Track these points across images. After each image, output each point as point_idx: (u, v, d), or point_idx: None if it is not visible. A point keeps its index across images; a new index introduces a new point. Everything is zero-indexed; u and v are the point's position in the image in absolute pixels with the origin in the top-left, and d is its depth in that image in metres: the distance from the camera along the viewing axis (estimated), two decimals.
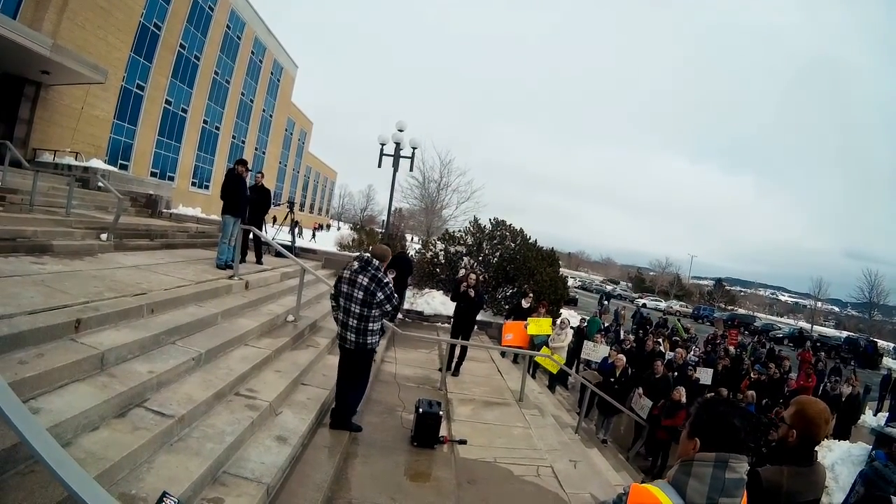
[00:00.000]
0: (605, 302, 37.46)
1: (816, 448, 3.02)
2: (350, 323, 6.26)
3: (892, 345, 54.82)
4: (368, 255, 6.44)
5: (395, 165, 20.12)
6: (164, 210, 17.66)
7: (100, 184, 15.02)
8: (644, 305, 54.51)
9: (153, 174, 34.14)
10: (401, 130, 20.12)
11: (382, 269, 6.28)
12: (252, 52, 45.86)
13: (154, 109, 33.95)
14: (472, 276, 11.16)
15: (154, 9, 31.94)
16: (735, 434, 2.09)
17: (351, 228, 34.19)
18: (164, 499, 3.21)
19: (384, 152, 20.37)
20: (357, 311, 6.21)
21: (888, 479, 5.29)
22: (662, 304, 66.99)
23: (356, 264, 6.35)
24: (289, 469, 5.15)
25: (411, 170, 22.70)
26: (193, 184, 40.36)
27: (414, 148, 20.44)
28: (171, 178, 36.46)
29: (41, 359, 4.19)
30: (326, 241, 23.99)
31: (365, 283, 6.16)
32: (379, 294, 6.12)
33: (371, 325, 6.26)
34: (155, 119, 34.38)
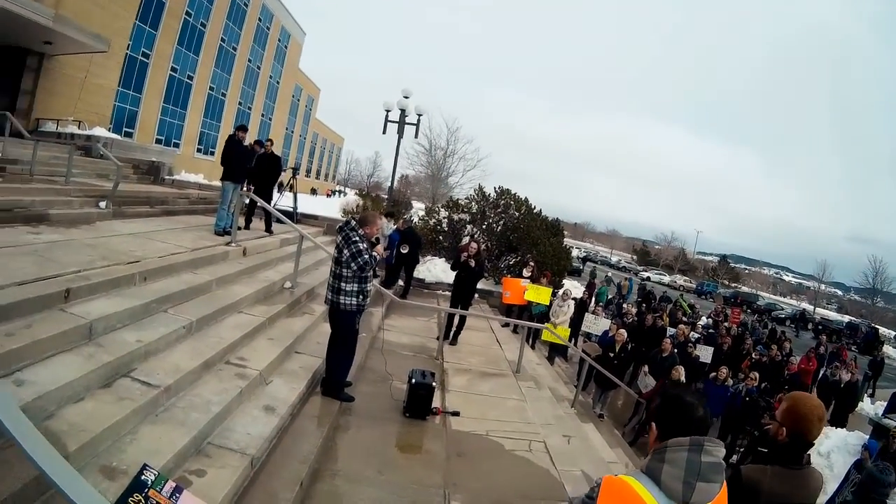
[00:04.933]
0: (609, 274, 37.35)
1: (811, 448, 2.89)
2: (329, 280, 6.55)
3: (893, 333, 54.92)
4: (351, 218, 6.60)
5: (400, 132, 20.18)
6: (167, 177, 17.64)
7: (101, 152, 15.09)
8: (648, 279, 54.50)
9: (158, 141, 33.94)
10: (406, 97, 20.19)
11: (360, 231, 6.38)
12: (259, 19, 45.23)
13: (159, 77, 33.71)
14: (473, 245, 11.22)
15: None
16: (689, 419, 2.12)
17: (356, 194, 34.23)
18: (144, 471, 3.28)
19: (389, 119, 20.45)
20: (333, 268, 6.48)
21: (883, 482, 5.33)
22: (666, 279, 67.07)
23: (339, 226, 6.59)
24: (276, 440, 5.23)
25: (416, 137, 22.89)
26: (199, 150, 40.22)
27: (419, 115, 20.58)
28: (177, 145, 36.33)
29: (28, 330, 4.26)
30: (334, 207, 23.95)
31: (338, 241, 6.41)
32: (345, 251, 6.27)
33: (344, 284, 6.37)
34: (160, 86, 34.15)
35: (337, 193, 61.96)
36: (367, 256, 6.29)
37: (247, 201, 11.68)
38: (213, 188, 17.72)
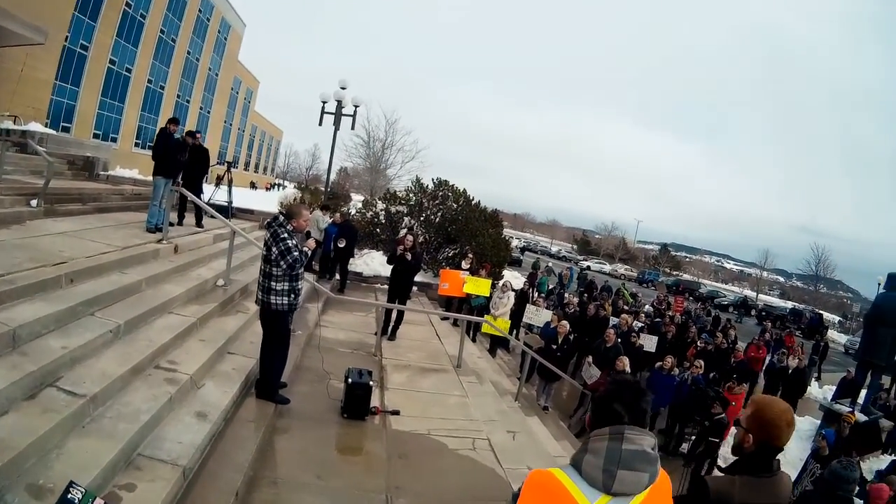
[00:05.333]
0: (549, 264, 37.67)
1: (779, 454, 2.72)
2: (259, 279, 6.43)
3: (837, 318, 56.92)
4: (280, 211, 6.50)
5: (337, 124, 20.12)
6: (102, 172, 17.13)
7: (37, 147, 14.52)
8: (588, 268, 55.22)
9: (96, 136, 32.97)
10: (343, 88, 20.17)
11: (289, 226, 6.27)
12: (199, 10, 44.41)
13: (98, 70, 32.97)
14: (409, 237, 11.20)
15: None
16: (615, 413, 2.13)
17: (295, 187, 33.97)
18: (71, 489, 3.23)
19: (326, 110, 20.38)
20: (262, 266, 6.36)
21: (848, 478, 5.50)
22: (607, 268, 67.93)
23: (267, 222, 6.49)
24: (209, 447, 5.15)
25: (353, 128, 22.93)
26: (136, 144, 39.24)
27: (356, 106, 20.62)
28: (114, 140, 35.36)
29: None
30: (273, 200, 23.72)
31: (266, 238, 6.28)
32: (273, 249, 6.14)
33: (274, 283, 6.27)
34: (98, 79, 33.40)
35: (276, 187, 61.31)
36: (296, 254, 6.19)
37: (178, 196, 11.42)
38: (148, 183, 17.29)
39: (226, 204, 15.29)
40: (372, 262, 17.68)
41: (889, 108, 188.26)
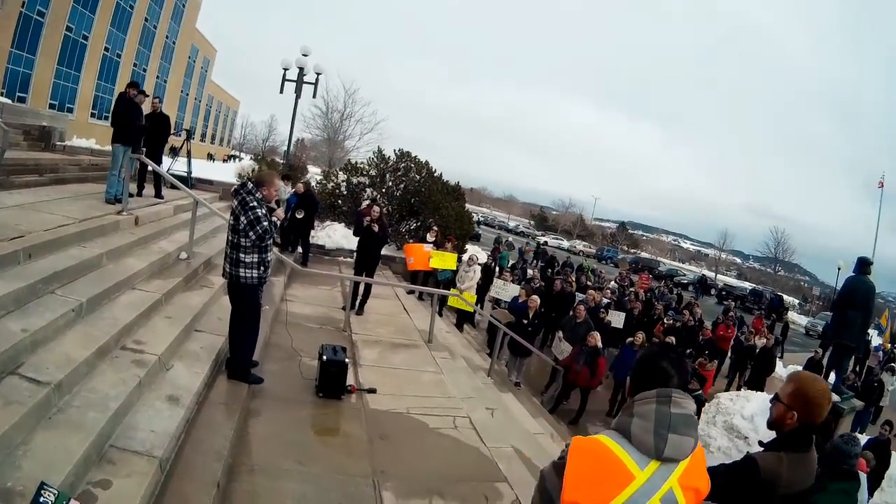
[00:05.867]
0: (510, 238, 37.57)
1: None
2: (226, 251, 6.04)
3: (796, 300, 58.11)
4: (247, 179, 6.12)
5: (298, 91, 19.68)
6: (58, 143, 16.45)
7: None
8: (546, 243, 55.24)
9: (52, 106, 31.90)
10: (305, 55, 19.70)
11: (258, 195, 5.90)
12: None
13: (54, 37, 31.77)
14: (376, 208, 10.81)
15: None
16: (663, 372, 2.10)
17: (251, 159, 33.36)
18: (42, 492, 2.92)
19: (287, 78, 19.84)
20: (229, 237, 5.96)
21: (850, 453, 5.40)
22: (565, 244, 67.95)
23: (234, 189, 6.08)
24: (183, 435, 4.80)
25: (314, 97, 22.55)
26: (93, 115, 37.97)
27: (318, 74, 20.15)
28: (70, 110, 34.29)
29: None
30: (230, 172, 23.13)
31: (234, 206, 5.90)
32: (242, 218, 5.75)
33: (243, 255, 5.90)
34: (55, 47, 32.24)
35: (233, 159, 60.08)
36: (266, 224, 5.81)
37: (138, 165, 10.89)
38: (106, 154, 16.73)
39: (185, 174, 14.76)
40: (334, 235, 17.26)
41: (844, 104, 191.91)
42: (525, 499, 5.31)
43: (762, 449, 2.93)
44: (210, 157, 57.10)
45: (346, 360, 6.89)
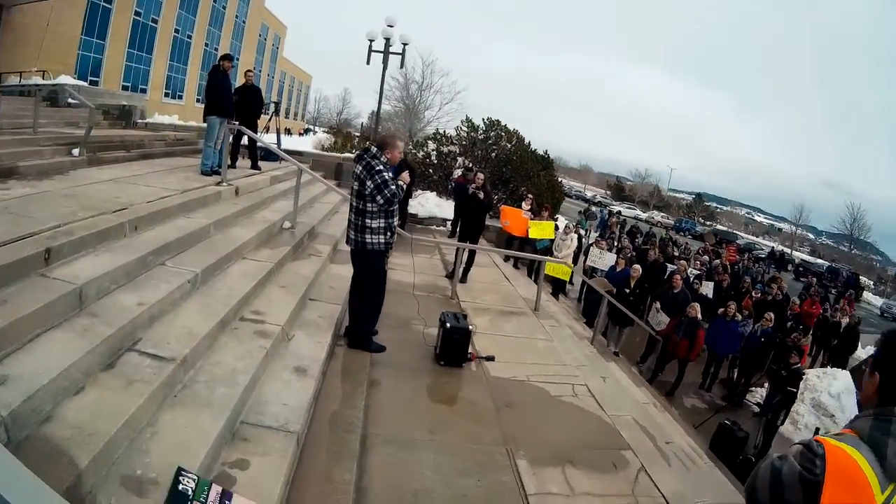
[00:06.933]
0: (593, 208, 36.56)
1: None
2: (350, 218, 5.64)
3: (871, 281, 55.27)
4: (370, 143, 5.60)
5: (385, 62, 18.94)
6: (139, 120, 16.46)
7: (69, 99, 13.96)
8: (619, 213, 53.58)
9: (125, 88, 32.07)
10: (391, 26, 18.92)
11: (383, 158, 5.43)
12: None
13: (123, 22, 31.92)
14: (480, 175, 10.16)
15: None
16: None
17: (326, 132, 33.03)
18: (181, 478, 2.43)
19: (373, 49, 19.21)
20: (354, 203, 5.55)
21: None
22: (643, 215, 64.98)
23: (357, 154, 5.66)
24: (313, 407, 4.31)
25: (402, 67, 21.69)
26: (166, 94, 38.42)
27: (405, 44, 19.39)
28: (144, 91, 34.35)
29: (3, 307, 3.11)
30: (307, 145, 22.84)
31: (358, 172, 5.42)
32: (368, 183, 5.29)
33: (369, 220, 5.45)
34: (124, 31, 32.39)
35: (308, 132, 60.16)
36: (393, 187, 5.33)
37: (231, 137, 10.50)
38: (190, 129, 16.68)
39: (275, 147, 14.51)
40: (427, 203, 16.72)
41: None
42: (649, 465, 5.07)
43: None
44: (287, 131, 57.44)
45: (470, 326, 6.45)
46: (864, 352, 16.84)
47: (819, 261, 60.03)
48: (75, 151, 8.63)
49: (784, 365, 9.76)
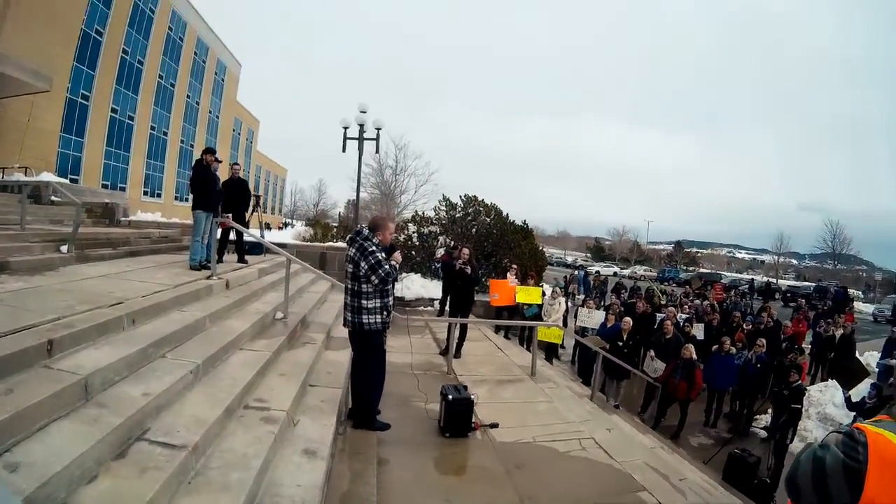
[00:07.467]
0: (575, 272, 36.67)
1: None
2: (346, 300, 5.66)
3: (859, 292, 55.92)
4: (362, 225, 5.69)
5: (360, 148, 19.07)
6: (122, 218, 16.45)
7: (53, 197, 14.16)
8: (597, 272, 53.74)
9: (104, 186, 32.42)
10: (363, 112, 19.08)
11: (375, 240, 5.54)
12: (195, 53, 44.18)
13: (100, 119, 32.59)
14: (465, 250, 10.26)
15: (95, 14, 30.69)
16: None
17: (304, 224, 33.21)
18: None
19: (347, 136, 19.39)
20: (349, 285, 5.60)
21: None
22: (626, 271, 65.34)
23: (350, 237, 5.77)
24: (326, 487, 4.21)
25: (377, 151, 21.85)
26: (145, 193, 38.73)
27: (378, 129, 19.49)
28: (123, 189, 34.79)
29: (11, 396, 3.07)
30: (288, 238, 22.93)
31: (351, 254, 5.53)
32: (362, 264, 5.37)
33: (365, 301, 5.48)
34: (102, 129, 33.03)
35: (286, 226, 60.35)
36: (387, 267, 5.42)
37: (220, 232, 10.50)
38: (173, 226, 16.69)
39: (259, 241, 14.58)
40: (412, 286, 16.70)
41: (877, 75, 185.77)
42: (666, 501, 5.27)
43: None
44: (267, 226, 57.59)
45: (472, 396, 6.48)
46: (862, 359, 16.93)
47: (805, 283, 60.53)
48: (63, 248, 8.68)
49: (785, 385, 9.76)
